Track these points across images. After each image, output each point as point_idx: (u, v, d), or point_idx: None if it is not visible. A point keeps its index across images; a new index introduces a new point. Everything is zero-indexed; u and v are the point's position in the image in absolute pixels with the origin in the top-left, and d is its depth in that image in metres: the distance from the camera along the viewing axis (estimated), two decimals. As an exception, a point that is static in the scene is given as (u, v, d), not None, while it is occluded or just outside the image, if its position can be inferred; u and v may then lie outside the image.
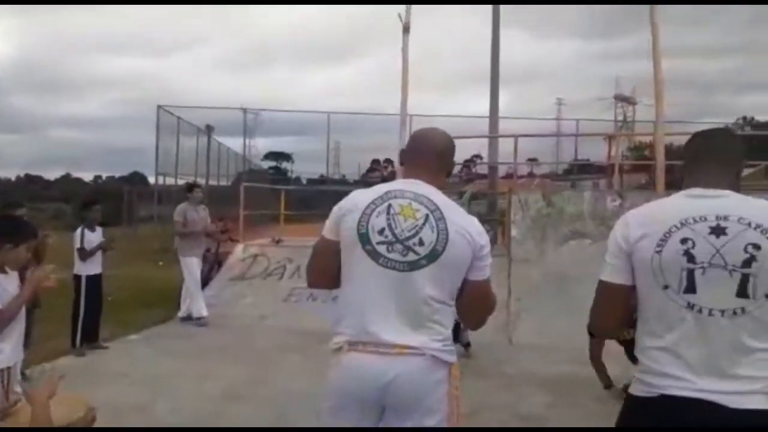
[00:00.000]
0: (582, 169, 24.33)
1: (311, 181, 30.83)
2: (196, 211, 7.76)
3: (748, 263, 1.58)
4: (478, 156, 25.04)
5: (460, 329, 5.16)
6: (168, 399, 4.64)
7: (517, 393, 5.01)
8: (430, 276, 1.86)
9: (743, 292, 1.58)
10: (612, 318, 1.84)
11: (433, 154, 2.06)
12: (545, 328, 6.61)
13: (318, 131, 25.84)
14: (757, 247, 1.58)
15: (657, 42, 5.55)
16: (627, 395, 1.77)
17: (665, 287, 1.64)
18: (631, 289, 1.75)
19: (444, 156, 2.08)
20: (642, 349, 1.72)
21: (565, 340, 6.04)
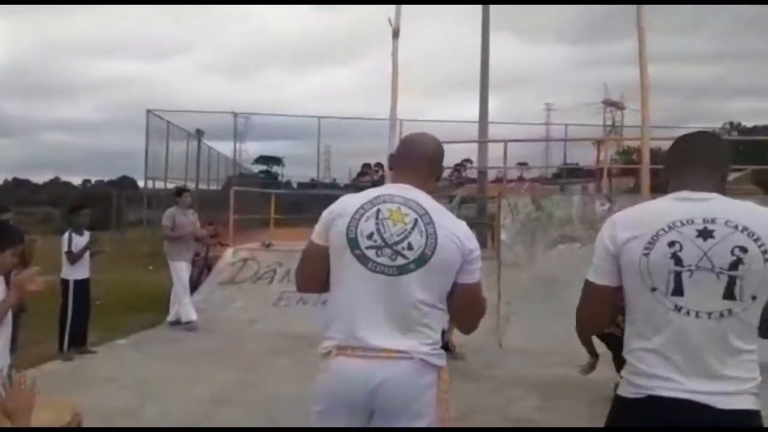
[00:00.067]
0: (571, 174, 24.49)
1: (302, 185, 30.82)
2: (185, 216, 7.72)
3: (735, 266, 1.60)
4: (468, 160, 25.13)
5: (443, 332, 5.12)
6: (157, 403, 4.61)
7: (507, 396, 5.02)
8: (419, 280, 1.86)
9: (730, 294, 1.60)
10: (597, 317, 1.88)
11: (423, 158, 2.06)
12: (535, 331, 6.63)
13: (309, 135, 25.87)
14: (744, 250, 1.59)
15: (643, 46, 5.59)
16: (615, 396, 1.77)
17: (653, 289, 1.65)
18: (617, 291, 1.76)
19: (433, 161, 2.09)
20: (630, 351, 1.73)
21: (555, 343, 6.06)
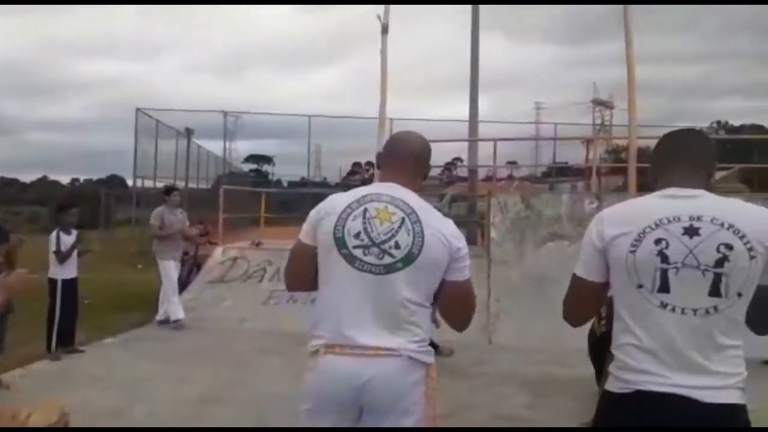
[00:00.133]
0: (560, 172, 24.62)
1: (292, 184, 30.77)
2: (173, 214, 7.69)
3: (720, 263, 1.61)
4: (458, 159, 25.20)
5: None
6: (145, 403, 4.58)
7: (497, 393, 5.03)
8: (406, 278, 1.87)
9: (716, 291, 1.61)
10: (582, 310, 1.90)
11: (410, 157, 2.07)
12: (524, 329, 6.66)
13: (299, 134, 25.88)
14: (730, 247, 1.60)
15: (630, 45, 5.61)
16: (603, 391, 1.78)
17: (639, 286, 1.66)
18: (603, 286, 1.78)
19: (420, 159, 2.09)
20: (617, 346, 1.74)
21: (544, 340, 6.11)
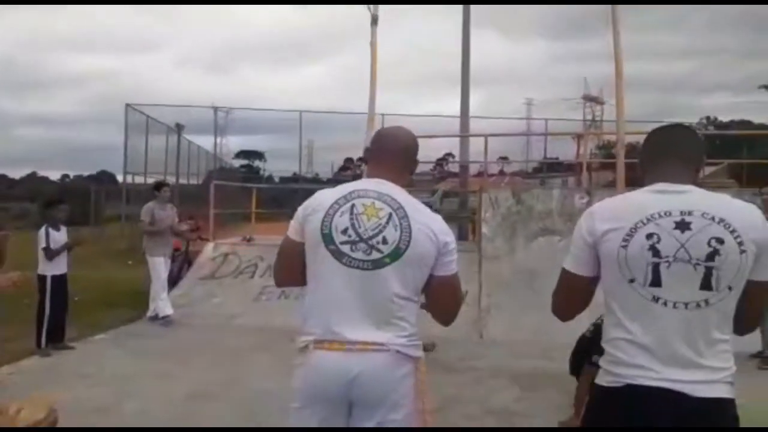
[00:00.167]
0: (551, 168, 24.68)
1: (284, 180, 30.66)
2: (163, 210, 7.66)
3: (711, 257, 1.62)
4: (450, 155, 25.24)
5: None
6: (135, 399, 4.56)
7: (488, 387, 5.05)
8: (393, 274, 1.87)
9: (707, 285, 1.62)
10: (570, 305, 1.89)
11: (398, 152, 2.07)
12: (515, 323, 6.69)
13: (291, 130, 25.74)
14: (721, 241, 1.62)
15: (618, 45, 5.61)
16: (594, 385, 1.79)
17: (631, 281, 1.67)
18: (593, 281, 1.78)
19: (408, 154, 2.09)
20: (608, 340, 1.75)
21: (535, 335, 6.14)
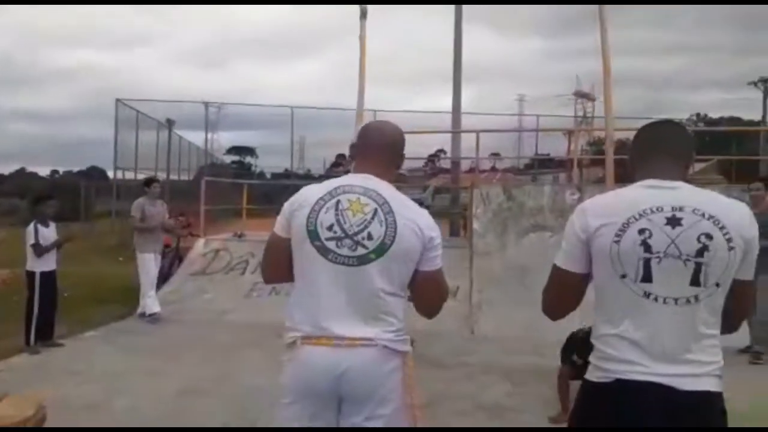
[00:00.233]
0: (543, 164, 24.75)
1: (276, 176, 30.55)
2: (153, 206, 7.62)
3: (701, 253, 1.63)
4: (442, 151, 25.24)
5: None
6: (125, 396, 4.54)
7: (479, 383, 5.06)
8: (379, 269, 1.87)
9: (696, 280, 1.64)
10: (561, 302, 1.88)
11: (384, 147, 2.06)
12: (506, 319, 6.71)
13: (282, 125, 25.66)
14: (710, 237, 1.63)
15: (606, 44, 5.63)
16: (584, 381, 1.80)
17: (623, 276, 1.68)
18: (585, 278, 1.78)
19: (395, 148, 2.09)
20: (598, 336, 1.76)
21: (526, 330, 6.15)
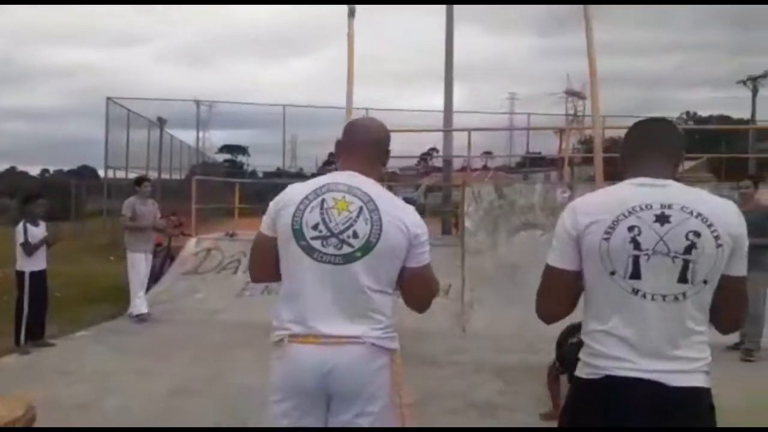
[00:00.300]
0: (534, 162, 24.84)
1: (268, 174, 30.49)
2: (144, 205, 7.59)
3: (689, 250, 1.65)
4: (434, 149, 25.28)
5: None
6: (116, 396, 4.52)
7: (470, 381, 5.08)
8: (365, 267, 1.87)
9: (684, 277, 1.65)
10: (556, 302, 1.85)
11: (369, 144, 2.06)
12: (498, 317, 6.73)
13: (274, 124, 25.63)
14: (698, 235, 1.64)
15: (592, 44, 5.69)
16: (574, 377, 1.82)
17: (612, 273, 1.69)
18: (577, 275, 1.78)
19: (380, 145, 2.08)
20: (587, 332, 1.77)
21: (517, 328, 6.17)
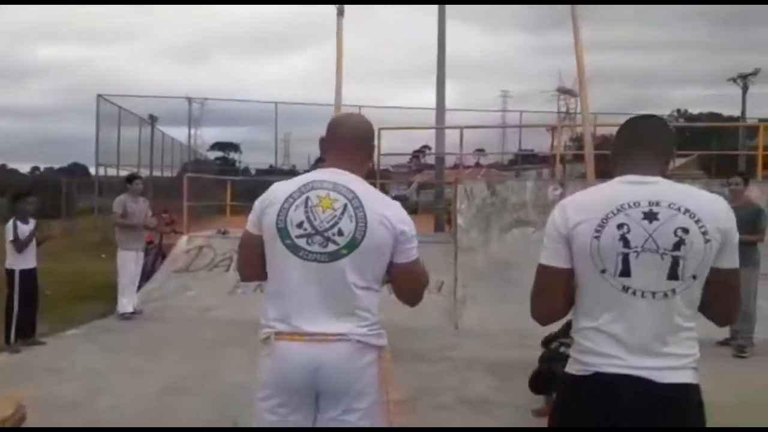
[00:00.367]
0: (526, 160, 24.89)
1: (260, 172, 30.44)
2: (135, 203, 7.56)
3: (677, 246, 1.66)
4: (426, 147, 25.30)
5: None
6: (107, 395, 4.50)
7: (463, 377, 5.09)
8: (351, 264, 1.87)
9: (673, 274, 1.66)
10: (551, 302, 1.83)
11: (353, 140, 2.05)
12: (490, 313, 6.75)
13: (267, 121, 25.59)
14: (686, 231, 1.65)
15: (579, 43, 5.73)
16: (564, 374, 1.83)
17: (602, 271, 1.70)
18: (570, 273, 1.78)
19: (364, 141, 2.08)
20: (578, 330, 1.78)
21: (510, 324, 6.16)
